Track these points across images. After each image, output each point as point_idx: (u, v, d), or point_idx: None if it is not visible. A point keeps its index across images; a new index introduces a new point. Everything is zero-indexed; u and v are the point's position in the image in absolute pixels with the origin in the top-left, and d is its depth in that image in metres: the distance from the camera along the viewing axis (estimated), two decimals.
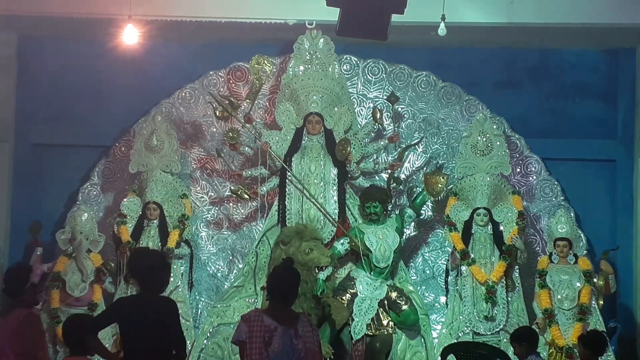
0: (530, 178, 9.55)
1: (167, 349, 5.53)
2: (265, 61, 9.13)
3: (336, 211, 8.93)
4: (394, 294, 8.67)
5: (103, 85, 9.75)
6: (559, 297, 8.60)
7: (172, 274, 8.80)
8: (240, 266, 9.31)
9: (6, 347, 6.01)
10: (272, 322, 5.45)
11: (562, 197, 9.46)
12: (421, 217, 9.31)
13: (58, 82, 9.82)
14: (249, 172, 9.12)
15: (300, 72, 9.21)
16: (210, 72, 9.69)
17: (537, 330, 8.00)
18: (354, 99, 9.59)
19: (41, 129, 9.87)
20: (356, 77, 9.69)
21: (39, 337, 6.25)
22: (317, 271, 8.37)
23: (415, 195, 9.05)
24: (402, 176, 9.42)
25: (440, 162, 9.49)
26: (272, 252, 8.67)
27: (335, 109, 9.15)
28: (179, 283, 8.99)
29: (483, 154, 9.07)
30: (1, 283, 7.23)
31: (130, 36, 8.46)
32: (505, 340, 8.41)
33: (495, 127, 9.23)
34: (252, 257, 9.00)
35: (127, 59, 9.01)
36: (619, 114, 9.79)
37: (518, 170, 9.53)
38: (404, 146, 9.38)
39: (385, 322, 8.59)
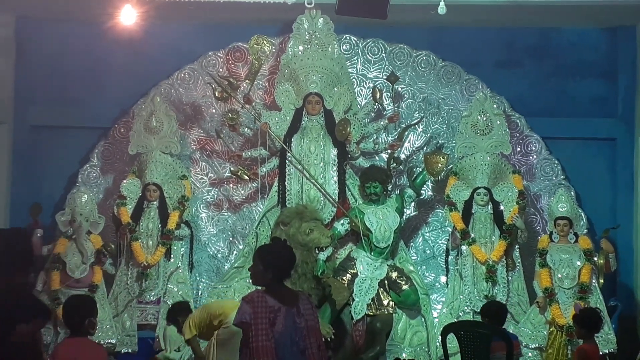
0: (531, 157, 9.54)
1: None
2: (265, 41, 9.10)
3: (336, 192, 8.93)
4: (394, 274, 8.68)
5: (102, 66, 9.72)
6: (559, 276, 8.60)
7: (172, 255, 8.93)
8: (241, 247, 9.32)
9: None
10: (275, 303, 5.41)
11: (562, 176, 9.46)
12: (421, 197, 9.30)
13: (56, 64, 9.79)
14: (249, 153, 9.10)
15: (300, 52, 9.17)
16: (209, 53, 9.66)
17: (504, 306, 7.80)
18: (353, 79, 9.56)
19: (40, 111, 9.85)
20: (356, 57, 9.66)
21: None
22: (317, 252, 8.36)
23: (415, 175, 9.05)
24: (402, 156, 9.40)
25: (440, 141, 9.50)
26: (272, 233, 8.65)
27: (335, 89, 9.11)
28: (180, 264, 9.01)
29: (483, 133, 9.06)
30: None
31: (128, 17, 8.41)
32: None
33: (495, 106, 9.22)
34: (252, 238, 8.99)
35: (126, 39, 8.96)
36: (620, 93, 9.77)
37: (518, 149, 9.52)
38: (404, 126, 9.35)
39: (385, 302, 8.60)
